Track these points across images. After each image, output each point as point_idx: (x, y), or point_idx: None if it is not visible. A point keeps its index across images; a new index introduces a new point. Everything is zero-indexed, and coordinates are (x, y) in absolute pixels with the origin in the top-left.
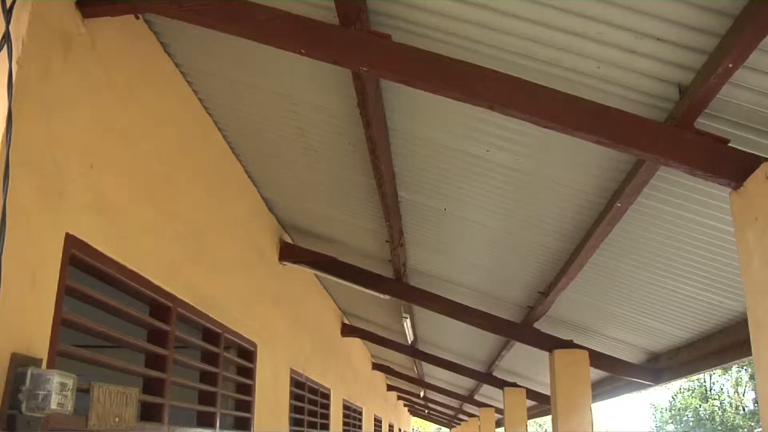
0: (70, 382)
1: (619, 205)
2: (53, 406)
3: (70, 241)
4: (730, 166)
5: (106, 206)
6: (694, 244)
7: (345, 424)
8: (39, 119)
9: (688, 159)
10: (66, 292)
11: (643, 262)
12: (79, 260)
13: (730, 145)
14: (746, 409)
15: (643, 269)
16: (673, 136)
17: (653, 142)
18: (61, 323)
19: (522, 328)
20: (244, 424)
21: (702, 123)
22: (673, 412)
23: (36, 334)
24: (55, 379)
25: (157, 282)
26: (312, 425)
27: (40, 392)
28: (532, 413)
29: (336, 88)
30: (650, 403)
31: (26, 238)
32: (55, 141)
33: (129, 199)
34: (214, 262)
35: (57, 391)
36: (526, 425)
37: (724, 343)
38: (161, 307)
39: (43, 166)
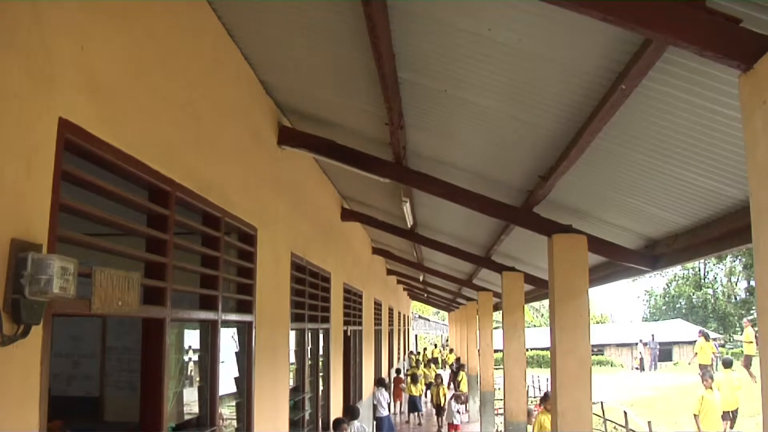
0: (71, 266)
1: (623, 87)
2: (56, 290)
3: (64, 125)
4: (741, 47)
5: (99, 89)
6: (698, 130)
7: (345, 307)
8: None
9: (697, 39)
10: (62, 177)
11: (646, 147)
12: (74, 145)
13: (741, 25)
14: (738, 298)
15: (645, 154)
16: (683, 14)
17: (662, 21)
18: (59, 208)
19: (521, 213)
20: (246, 306)
21: (713, 1)
22: (666, 299)
23: (34, 220)
24: (56, 263)
25: (154, 166)
26: (313, 308)
27: (42, 277)
28: (530, 297)
29: None
30: (644, 290)
31: (18, 123)
32: (42, 21)
33: (123, 82)
34: (212, 146)
35: (58, 275)
36: (524, 309)
37: (723, 231)
38: (160, 191)
39: (30, 47)
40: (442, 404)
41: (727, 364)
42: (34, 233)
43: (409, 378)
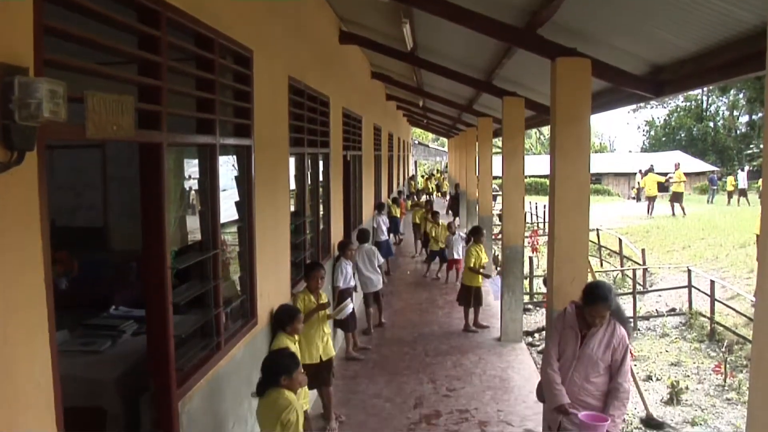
0: (60, 89)
1: None
2: (46, 114)
3: None
4: None
5: None
6: None
7: (345, 132)
8: None
9: None
10: None
11: None
12: None
13: None
14: (738, 132)
15: None
16: None
17: None
18: (43, 30)
19: (524, 34)
20: (244, 130)
21: None
22: (667, 130)
23: (18, 43)
24: (44, 86)
25: None
26: (312, 132)
27: (31, 101)
28: (530, 123)
29: None
30: (645, 121)
31: None
32: None
33: None
34: None
35: (48, 99)
36: (524, 134)
37: (732, 57)
38: (149, 11)
39: None
40: (419, 222)
41: None
42: (19, 57)
43: (390, 200)
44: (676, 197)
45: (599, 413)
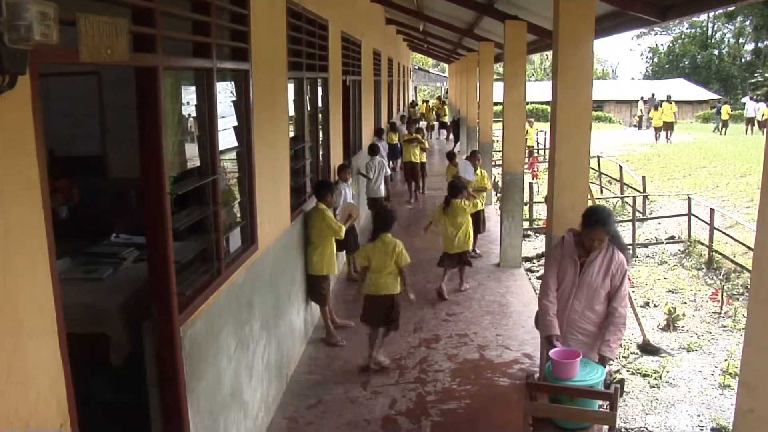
0: (51, 10)
1: None
2: (37, 36)
3: None
4: None
5: None
6: None
7: (344, 56)
8: None
9: None
10: None
11: None
12: None
13: None
14: (743, 60)
15: None
16: None
17: None
18: None
19: None
20: (242, 54)
21: None
22: (671, 57)
23: None
24: (33, 7)
25: None
26: (310, 57)
27: (21, 23)
28: (533, 48)
29: None
30: (648, 47)
31: None
32: None
33: None
34: None
35: (38, 20)
36: (525, 60)
37: None
38: None
39: None
40: (417, 161)
41: None
42: None
43: (388, 126)
44: (668, 126)
45: (571, 348)
